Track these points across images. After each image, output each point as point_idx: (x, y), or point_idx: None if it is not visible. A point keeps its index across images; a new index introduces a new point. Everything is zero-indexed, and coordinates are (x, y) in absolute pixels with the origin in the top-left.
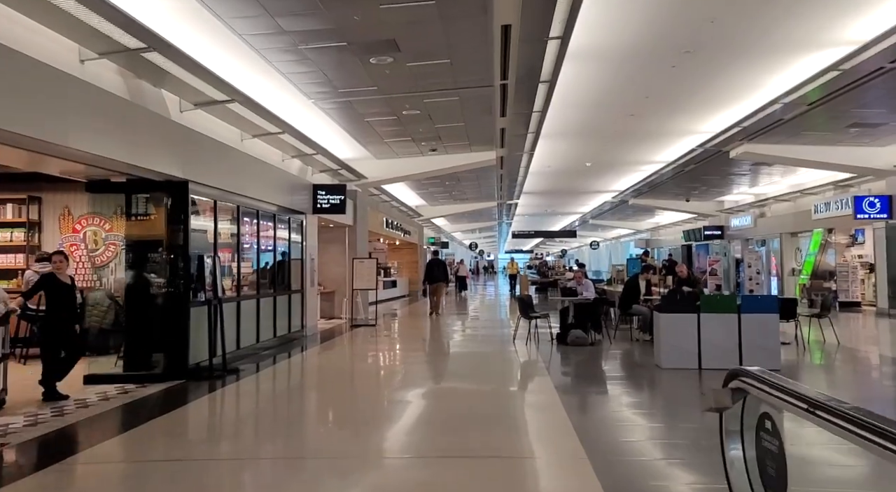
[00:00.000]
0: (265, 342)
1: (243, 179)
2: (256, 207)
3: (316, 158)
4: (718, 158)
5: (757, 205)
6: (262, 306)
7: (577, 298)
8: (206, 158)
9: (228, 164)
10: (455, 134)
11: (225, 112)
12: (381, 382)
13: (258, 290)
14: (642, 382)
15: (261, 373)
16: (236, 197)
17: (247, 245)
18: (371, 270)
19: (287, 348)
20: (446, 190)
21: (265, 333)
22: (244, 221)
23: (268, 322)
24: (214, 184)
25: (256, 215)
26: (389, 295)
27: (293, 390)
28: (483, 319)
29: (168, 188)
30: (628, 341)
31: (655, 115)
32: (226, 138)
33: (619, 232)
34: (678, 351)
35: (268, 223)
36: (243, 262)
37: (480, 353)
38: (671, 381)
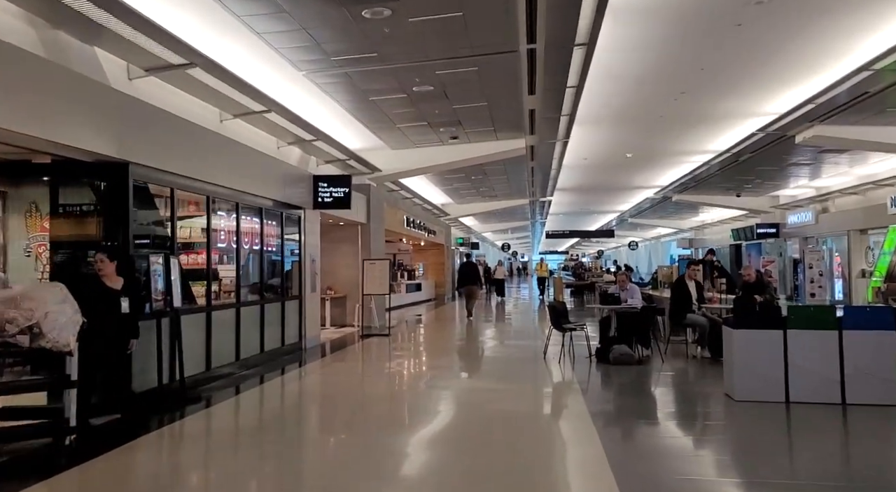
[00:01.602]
0: (250, 359)
1: (218, 166)
2: (238, 199)
3: (319, 146)
4: (779, 146)
5: (818, 199)
6: (246, 317)
7: (620, 306)
8: (159, 136)
9: (194, 146)
10: (477, 117)
11: (193, 84)
12: (378, 418)
13: (238, 298)
14: (710, 419)
15: (225, 403)
16: (207, 186)
17: (223, 244)
18: (384, 273)
19: (274, 367)
20: (473, 186)
21: (249, 348)
22: (219, 216)
23: (253, 335)
24: (172, 168)
25: (236, 209)
26: (414, 299)
27: (254, 431)
28: (510, 330)
29: (102, 172)
30: (683, 359)
31: (711, 92)
32: (199, 117)
33: (660, 231)
34: (758, 379)
35: (254, 219)
36: (221, 264)
37: (503, 374)
38: (751, 419)
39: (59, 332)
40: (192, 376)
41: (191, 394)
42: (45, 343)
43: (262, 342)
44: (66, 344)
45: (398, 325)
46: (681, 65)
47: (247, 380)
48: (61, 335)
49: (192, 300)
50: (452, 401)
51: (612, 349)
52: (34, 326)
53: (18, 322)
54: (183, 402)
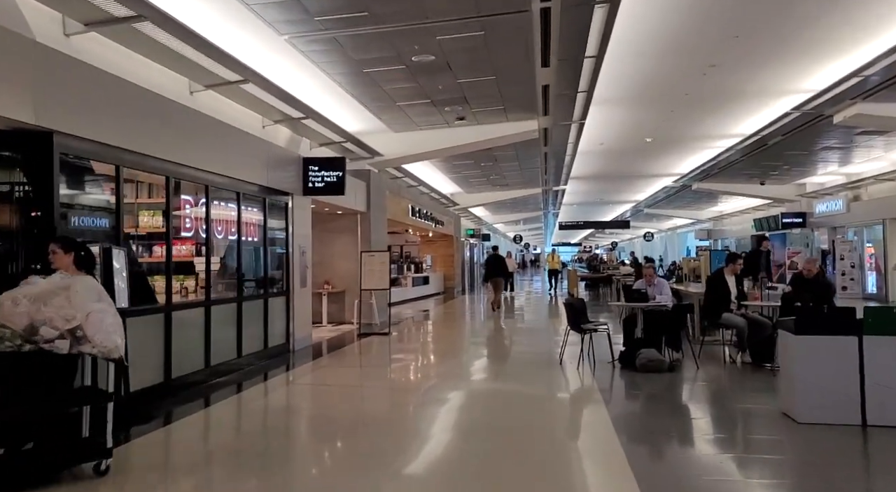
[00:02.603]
0: (223, 365)
1: (184, 143)
2: (209, 182)
3: (311, 127)
4: (812, 128)
5: (850, 186)
6: (218, 317)
7: (647, 304)
8: (102, 104)
9: (151, 118)
10: (485, 94)
11: (152, 47)
12: (365, 445)
13: (208, 295)
14: (769, 449)
15: (177, 425)
16: (168, 166)
17: (189, 234)
18: (384, 266)
19: (252, 374)
20: (483, 174)
21: (222, 352)
22: (184, 201)
23: (227, 337)
24: (119, 142)
25: (206, 194)
26: (421, 293)
27: (197, 467)
28: (521, 329)
29: (16, 143)
30: (720, 364)
31: (744, 65)
32: (162, 86)
33: (676, 222)
34: (827, 396)
35: (230, 205)
36: (188, 257)
37: (514, 384)
38: (821, 450)
39: (105, 334)
40: (149, 387)
41: (140, 412)
42: (89, 349)
43: (238, 345)
44: (116, 347)
45: (402, 322)
46: (712, 32)
47: (216, 391)
48: (109, 338)
49: (150, 300)
50: (454, 422)
51: (638, 354)
52: (77, 329)
53: (56, 324)
54: (126, 422)
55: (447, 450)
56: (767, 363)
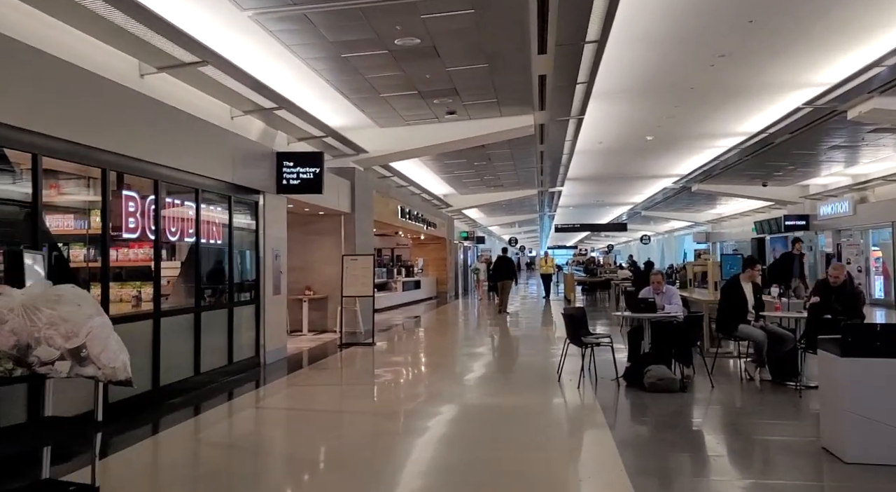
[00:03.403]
0: (176, 384)
1: (127, 131)
2: (158, 176)
3: (288, 119)
4: (823, 125)
5: (856, 188)
6: (170, 329)
7: (656, 314)
8: (10, 80)
9: (83, 101)
10: (477, 84)
11: (88, 19)
12: None
13: (157, 305)
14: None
15: (102, 465)
16: (103, 156)
17: (133, 235)
18: (367, 272)
19: (210, 394)
20: (477, 174)
21: (175, 370)
22: (127, 198)
23: (182, 352)
24: (37, 127)
25: (155, 189)
26: (411, 298)
27: None
28: (514, 340)
29: None
30: (736, 382)
31: (755, 55)
32: (104, 66)
33: (674, 225)
34: (883, 431)
35: (186, 203)
36: (129, 262)
37: (506, 406)
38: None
39: (112, 353)
40: (81, 414)
41: None
42: (93, 371)
43: (196, 361)
44: (124, 366)
45: (388, 330)
46: (725, 15)
47: (159, 417)
48: (117, 357)
49: None
50: (439, 460)
51: (646, 371)
52: (82, 348)
53: (55, 342)
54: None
55: None
56: (791, 382)
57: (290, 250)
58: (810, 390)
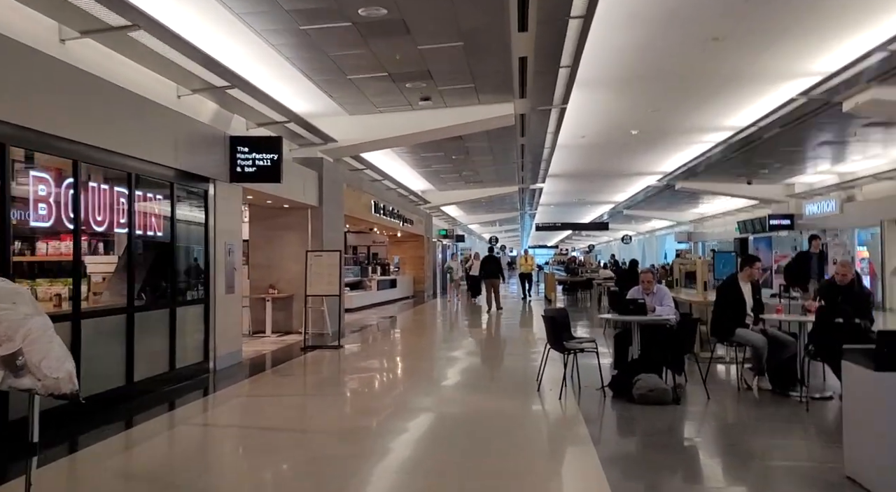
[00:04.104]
0: (103, 396)
1: (37, 103)
2: (78, 155)
3: (243, 100)
4: (812, 121)
5: (843, 186)
6: (94, 333)
7: (647, 317)
8: None
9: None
10: (453, 67)
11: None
12: None
13: (77, 306)
14: None
15: None
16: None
17: (44, 223)
18: (333, 269)
19: (141, 407)
20: (455, 168)
21: (102, 379)
22: (36, 179)
23: (109, 359)
24: None
25: (74, 171)
26: (387, 297)
27: None
28: (491, 343)
29: None
30: (734, 393)
31: (750, 39)
32: (13, 28)
33: (655, 225)
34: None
35: (117, 189)
36: (39, 256)
37: (479, 421)
38: None
39: (56, 361)
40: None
41: None
42: (30, 383)
43: (128, 368)
44: (69, 377)
45: (359, 331)
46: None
47: (79, 435)
48: (61, 367)
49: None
50: (392, 490)
51: (635, 381)
52: (17, 355)
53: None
54: None
55: None
56: (793, 392)
57: (253, 246)
58: (819, 402)
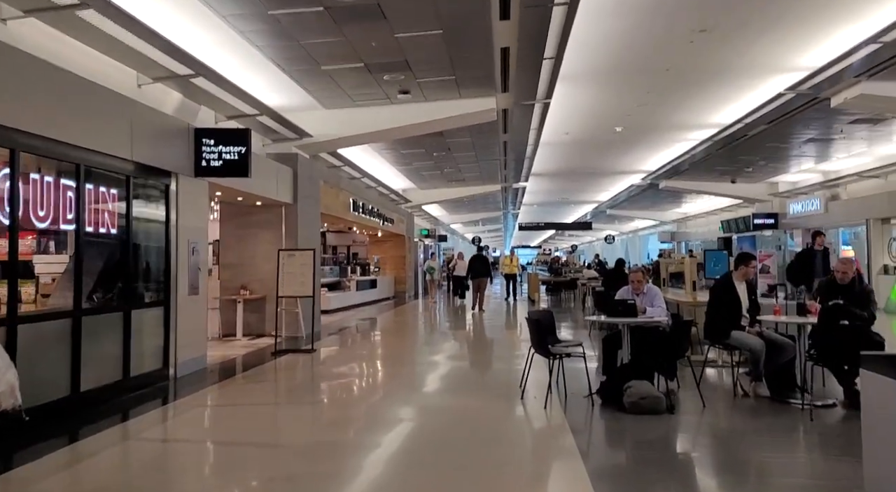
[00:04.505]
0: (44, 408)
1: None
2: (14, 143)
3: (211, 92)
4: (798, 117)
5: (828, 185)
6: (33, 339)
7: (637, 319)
8: None
9: None
10: (432, 57)
11: None
12: None
13: (12, 310)
14: None
15: None
16: None
17: None
18: (307, 269)
19: (78, 422)
20: (437, 166)
21: (42, 391)
22: None
23: (51, 368)
24: None
25: (12, 160)
26: (366, 298)
27: None
28: (473, 346)
29: None
30: (730, 399)
31: (739, 31)
32: None
33: (638, 224)
34: None
35: (64, 182)
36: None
37: (462, 429)
38: None
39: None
40: None
41: None
42: None
43: (73, 377)
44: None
45: (335, 334)
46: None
47: (16, 453)
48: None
49: None
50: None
51: (626, 387)
52: None
53: None
54: None
55: None
56: (792, 399)
57: (224, 245)
58: (822, 409)
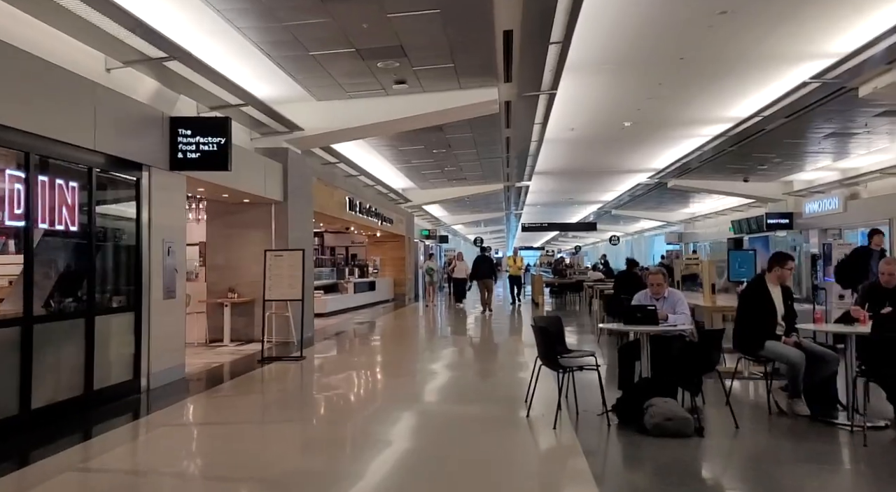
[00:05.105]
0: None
1: None
2: None
3: (191, 79)
4: (821, 110)
5: (846, 183)
6: None
7: (659, 327)
8: None
9: None
10: (429, 42)
11: None
12: None
13: None
14: None
15: None
16: None
17: None
18: (295, 270)
19: (21, 446)
20: (437, 164)
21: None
22: None
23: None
24: None
25: None
26: (365, 300)
27: None
28: (477, 352)
29: None
30: (764, 417)
31: (761, 13)
32: None
33: (644, 225)
34: None
35: (13, 173)
36: None
37: (456, 457)
38: None
39: None
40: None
41: None
42: None
43: (24, 394)
44: None
45: (330, 339)
46: None
47: None
48: None
49: None
50: None
51: (648, 406)
52: None
53: None
54: None
55: None
56: (837, 419)
57: (210, 246)
58: (873, 431)
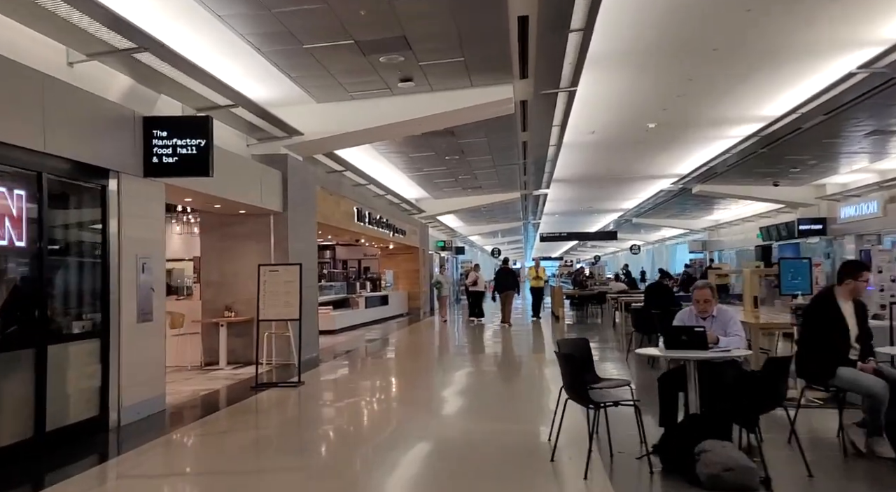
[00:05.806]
0: None
1: None
2: None
3: (173, 77)
4: (866, 104)
5: (885, 185)
6: None
7: (708, 352)
8: None
9: None
10: (435, 32)
11: None
12: None
13: None
14: None
15: None
16: None
17: None
18: (292, 286)
19: None
20: (450, 172)
21: None
22: None
23: None
24: None
25: None
26: (377, 316)
27: None
28: (496, 377)
29: None
30: (841, 464)
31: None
32: None
33: (665, 233)
34: None
35: None
36: None
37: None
38: None
39: None
40: None
41: None
42: None
43: None
44: None
45: (335, 359)
46: None
47: None
48: None
49: None
50: None
51: (700, 453)
52: None
53: None
54: None
55: None
56: None
57: (205, 261)
58: None
